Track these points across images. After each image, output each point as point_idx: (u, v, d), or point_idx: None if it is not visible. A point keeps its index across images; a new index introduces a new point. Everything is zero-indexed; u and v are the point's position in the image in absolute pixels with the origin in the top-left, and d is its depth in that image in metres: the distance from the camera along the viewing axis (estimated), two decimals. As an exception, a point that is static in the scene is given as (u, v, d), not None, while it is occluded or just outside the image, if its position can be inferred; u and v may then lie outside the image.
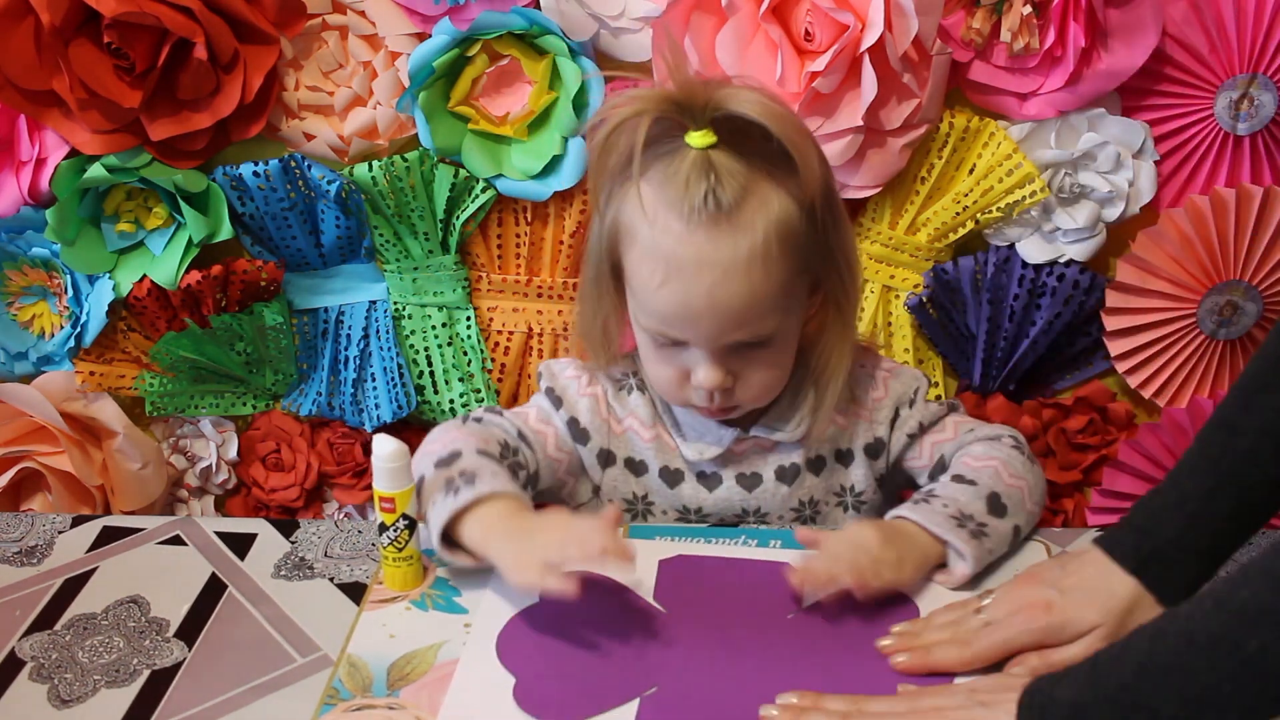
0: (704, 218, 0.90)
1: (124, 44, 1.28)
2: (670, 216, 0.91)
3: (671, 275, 0.92)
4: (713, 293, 0.91)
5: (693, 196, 0.90)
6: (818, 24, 1.27)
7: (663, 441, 1.06)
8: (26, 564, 1.04)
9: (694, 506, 1.07)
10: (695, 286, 0.91)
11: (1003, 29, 1.29)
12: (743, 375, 0.97)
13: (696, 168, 0.90)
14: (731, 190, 0.90)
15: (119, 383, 1.50)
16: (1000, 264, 1.41)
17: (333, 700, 0.87)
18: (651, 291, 0.93)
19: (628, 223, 0.94)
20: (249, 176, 1.39)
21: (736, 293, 0.91)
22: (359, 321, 1.49)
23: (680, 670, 0.88)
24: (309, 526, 1.07)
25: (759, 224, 0.91)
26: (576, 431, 1.07)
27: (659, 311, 0.94)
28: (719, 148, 0.91)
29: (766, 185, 0.92)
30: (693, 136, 0.91)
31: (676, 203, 0.90)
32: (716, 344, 0.94)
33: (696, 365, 0.96)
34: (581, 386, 1.07)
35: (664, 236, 0.91)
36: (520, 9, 1.30)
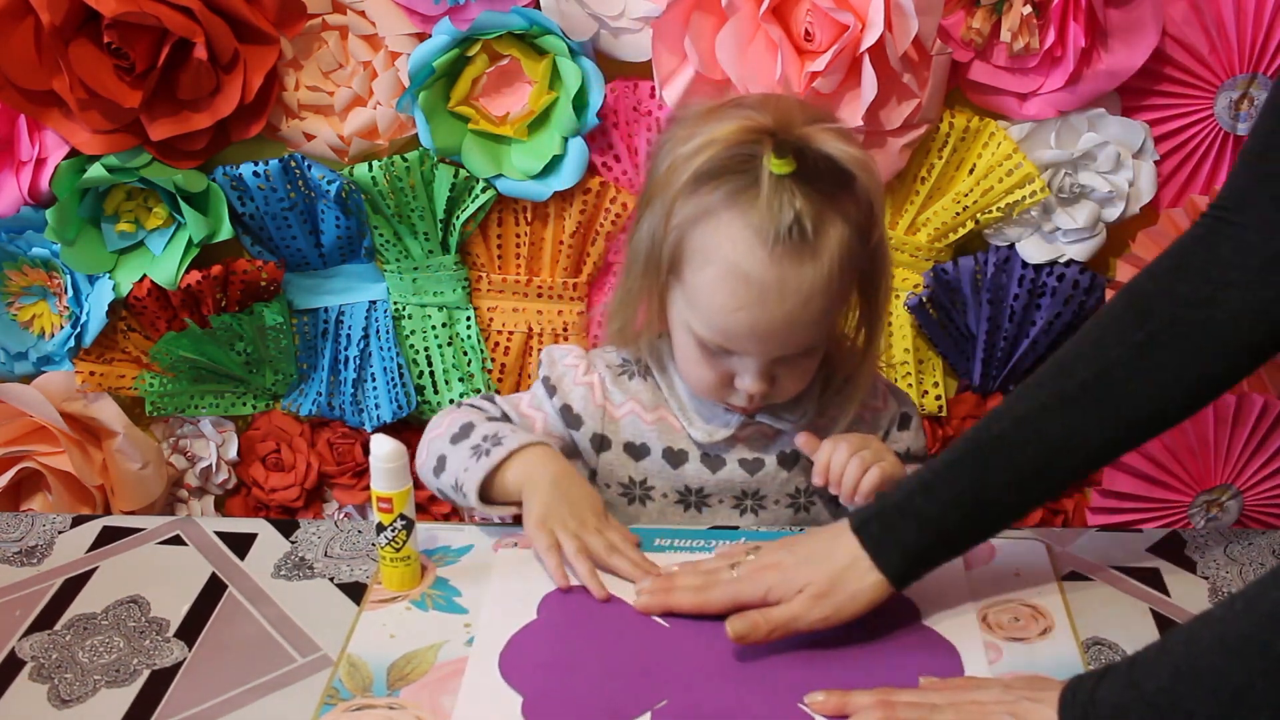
0: (788, 247, 0.93)
1: (124, 44, 1.28)
2: (755, 242, 0.93)
3: (752, 301, 0.95)
4: (790, 318, 0.95)
5: (779, 224, 0.92)
6: (818, 24, 1.27)
7: (667, 423, 1.08)
8: (26, 564, 1.04)
9: (696, 486, 1.08)
10: (774, 311, 0.95)
11: (1003, 29, 1.29)
12: (779, 380, 1.01)
13: (778, 195, 0.93)
14: (811, 221, 0.93)
15: (119, 383, 1.50)
16: (1000, 264, 1.41)
17: (333, 700, 0.87)
18: (726, 313, 0.96)
19: (701, 239, 0.96)
20: (249, 176, 1.39)
21: (807, 317, 0.96)
22: (359, 321, 1.49)
23: (689, 683, 0.88)
24: (309, 526, 1.07)
25: (828, 253, 0.95)
26: (570, 418, 1.09)
27: (727, 329, 0.97)
28: (796, 175, 0.93)
29: (835, 212, 0.95)
30: (776, 164, 0.93)
31: (761, 229, 0.93)
32: (770, 357, 0.98)
33: (743, 373, 0.99)
34: (578, 375, 1.09)
35: (746, 260, 0.94)
36: (520, 9, 1.30)
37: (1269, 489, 1.48)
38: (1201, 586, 0.99)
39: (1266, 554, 1.03)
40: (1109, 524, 1.47)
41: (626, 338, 1.08)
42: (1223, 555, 1.03)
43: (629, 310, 1.06)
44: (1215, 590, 0.99)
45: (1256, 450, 1.46)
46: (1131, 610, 0.96)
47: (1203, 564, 1.02)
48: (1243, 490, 1.48)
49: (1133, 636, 0.93)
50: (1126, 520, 1.48)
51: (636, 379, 1.09)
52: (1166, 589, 0.99)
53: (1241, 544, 1.04)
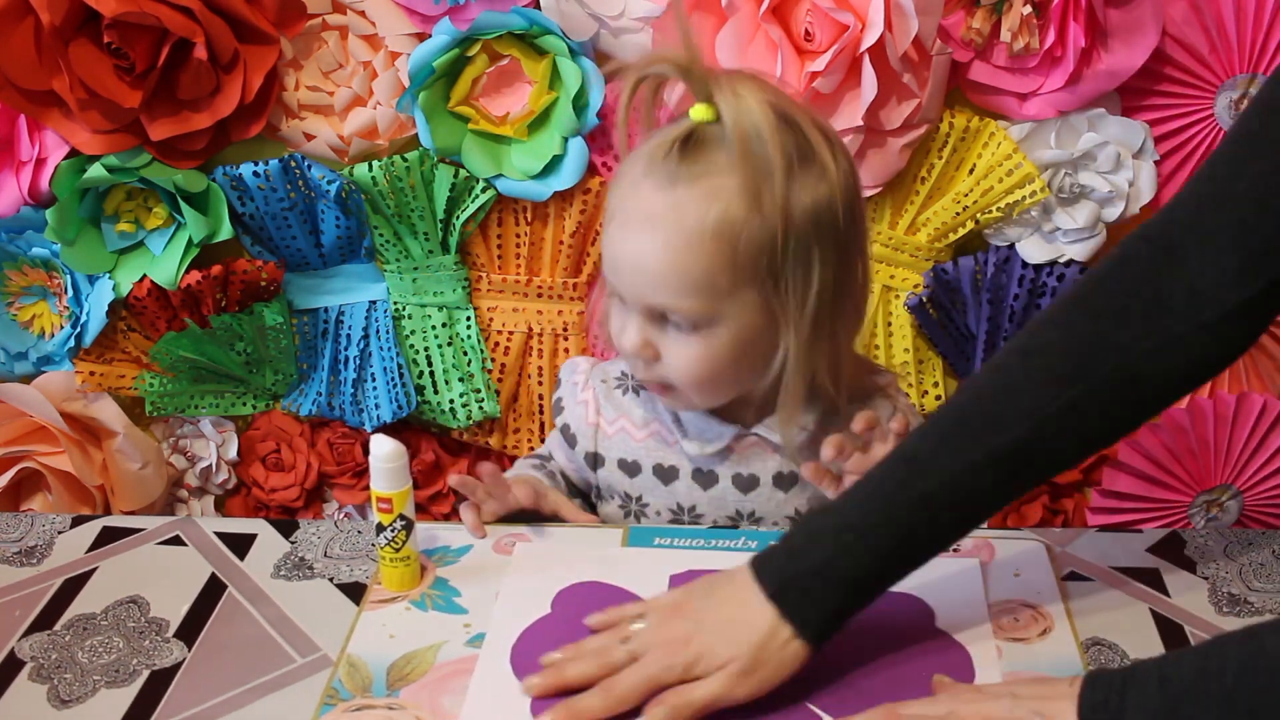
0: (657, 175, 0.93)
1: (124, 44, 1.28)
2: (636, 165, 0.95)
3: (614, 216, 0.97)
4: (634, 244, 0.94)
5: (656, 152, 0.93)
6: (818, 24, 1.27)
7: (659, 438, 1.07)
8: (26, 564, 1.04)
9: (688, 505, 1.07)
10: (624, 232, 0.95)
11: (1003, 29, 1.29)
12: (666, 352, 0.97)
13: (677, 134, 0.93)
14: (692, 165, 0.92)
15: (119, 383, 1.50)
16: (1000, 264, 1.41)
17: (333, 700, 0.87)
18: (605, 229, 0.98)
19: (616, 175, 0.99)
20: (249, 176, 1.39)
21: (655, 254, 0.93)
22: (359, 321, 1.49)
23: None
24: (309, 526, 1.07)
25: (700, 206, 0.92)
26: (568, 436, 1.10)
27: (605, 253, 0.98)
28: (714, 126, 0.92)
29: (732, 184, 0.91)
30: (695, 109, 0.94)
31: (645, 155, 0.95)
32: (636, 302, 0.96)
33: (625, 326, 0.98)
34: (577, 393, 1.10)
35: (623, 181, 0.96)
36: (520, 9, 1.30)
37: (1269, 489, 1.48)
38: (1201, 586, 0.99)
39: (1266, 554, 1.03)
40: (1109, 524, 1.47)
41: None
42: (1223, 555, 1.03)
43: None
44: (1215, 590, 0.99)
45: (1256, 450, 1.46)
46: (1131, 610, 0.96)
47: (1203, 564, 1.02)
48: (1243, 490, 1.48)
49: (1133, 636, 0.93)
50: (1126, 520, 1.48)
51: (630, 395, 1.08)
52: (1166, 589, 0.99)
53: (1241, 544, 1.04)
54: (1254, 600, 0.97)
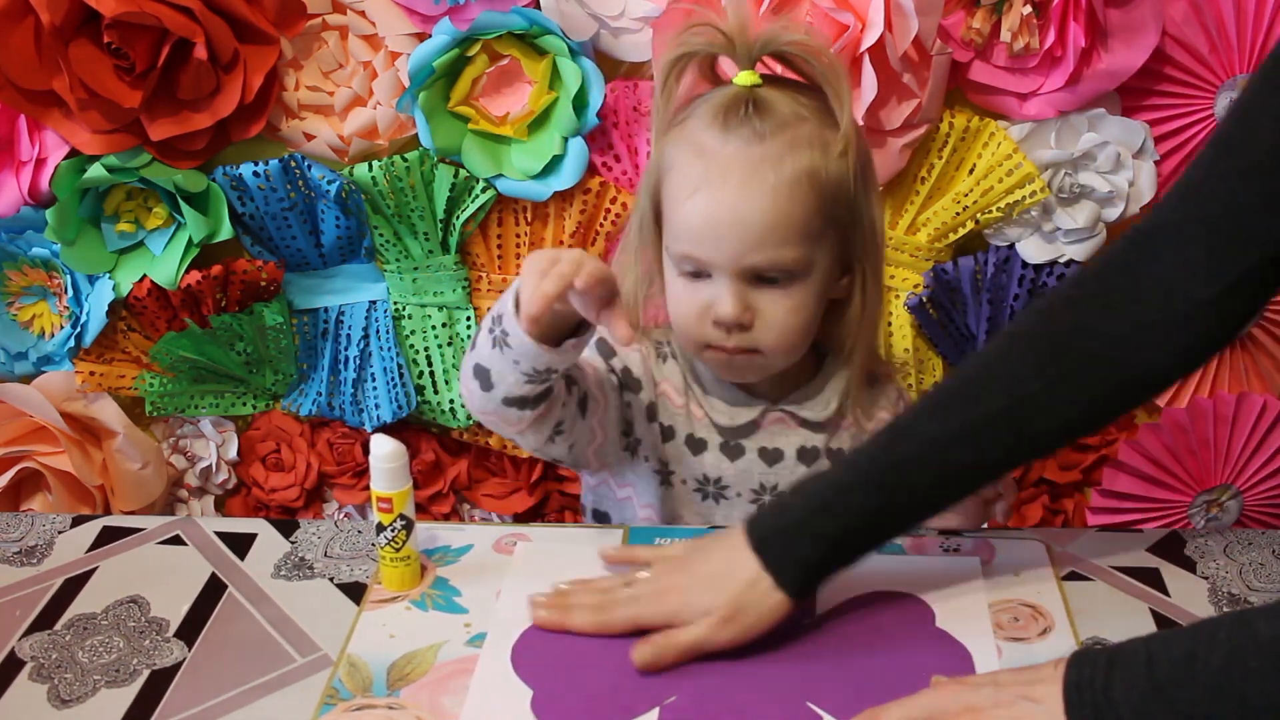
0: (738, 137, 0.96)
1: (124, 44, 1.28)
2: (707, 134, 0.97)
3: (700, 184, 0.96)
4: (735, 204, 0.95)
5: (730, 118, 0.96)
6: (818, 24, 1.27)
7: (690, 410, 1.08)
8: (26, 564, 1.04)
9: (714, 476, 1.08)
10: (719, 195, 0.96)
11: (1003, 29, 1.29)
12: (761, 313, 0.99)
13: (737, 98, 0.97)
14: (769, 120, 0.96)
15: (119, 383, 1.50)
16: (1000, 264, 1.41)
17: (333, 700, 0.87)
18: (681, 204, 0.97)
19: (670, 153, 0.99)
20: (249, 176, 1.39)
21: (758, 208, 0.95)
22: (359, 321, 1.49)
23: (698, 677, 0.88)
24: (309, 526, 1.07)
25: (790, 154, 0.96)
26: (630, 380, 1.09)
27: (687, 226, 0.97)
28: (765, 87, 0.98)
29: (806, 127, 0.97)
30: (740, 76, 0.97)
31: (714, 123, 0.97)
32: (738, 264, 0.97)
33: (718, 296, 0.98)
34: None
35: (699, 153, 0.97)
36: (520, 9, 1.30)
37: (1269, 489, 1.48)
38: (1201, 586, 0.99)
39: (1266, 554, 1.03)
40: (1109, 524, 1.47)
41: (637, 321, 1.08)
42: (1223, 555, 1.03)
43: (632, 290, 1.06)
44: (1215, 590, 0.99)
45: (1256, 450, 1.46)
46: (1131, 610, 0.96)
47: (1203, 564, 1.02)
48: (1243, 490, 1.48)
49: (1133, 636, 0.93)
50: (1126, 520, 1.48)
51: (670, 361, 1.10)
52: (1166, 589, 0.99)
53: (1241, 544, 1.04)
54: (1254, 600, 0.98)
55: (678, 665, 0.88)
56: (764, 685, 0.87)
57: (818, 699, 0.86)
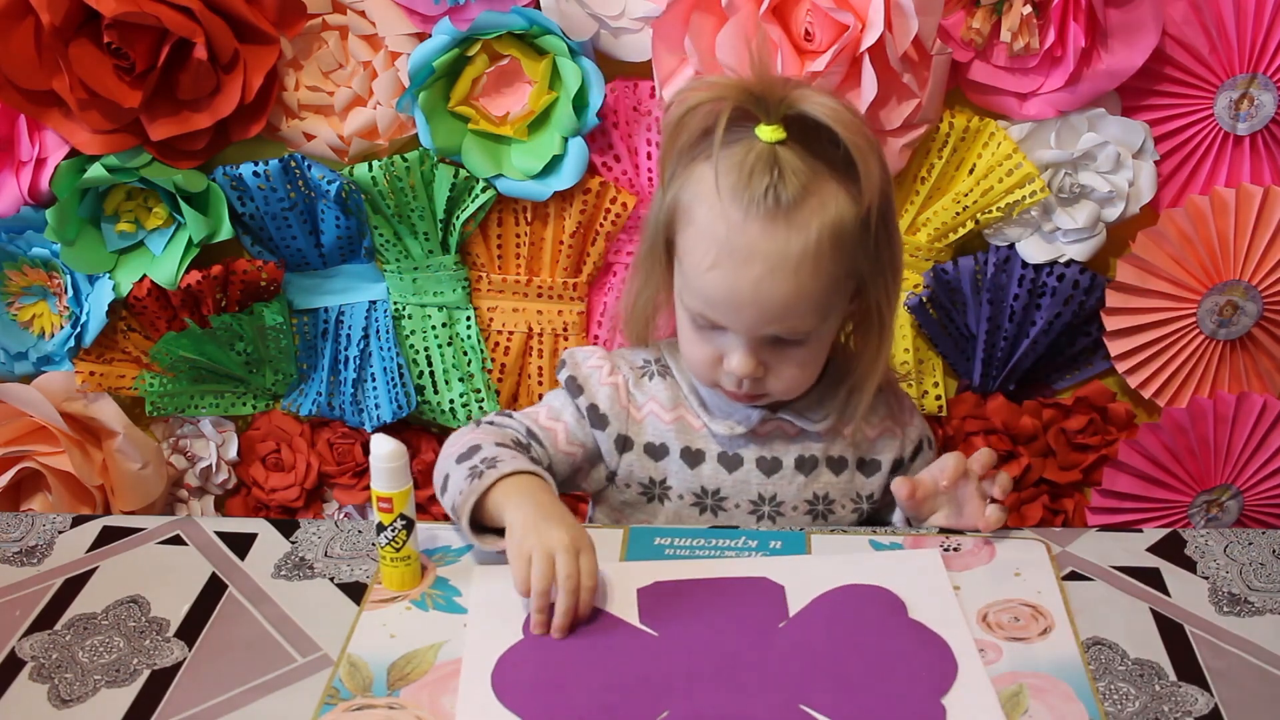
0: (762, 210, 0.92)
1: (124, 44, 1.28)
2: (730, 203, 0.93)
3: (722, 260, 0.94)
4: (759, 285, 0.94)
5: (755, 188, 0.92)
6: (818, 24, 1.27)
7: (685, 423, 1.08)
8: (26, 564, 1.04)
9: (712, 488, 1.08)
10: (743, 275, 0.94)
11: (1003, 29, 1.29)
12: (774, 368, 0.99)
13: (762, 160, 0.93)
14: (793, 188, 0.93)
15: (119, 383, 1.50)
16: (1000, 264, 1.41)
17: (333, 700, 0.87)
18: (700, 273, 0.96)
19: (688, 202, 0.97)
20: (249, 176, 1.39)
21: (782, 288, 0.94)
22: (359, 321, 1.49)
23: (687, 690, 0.87)
24: (309, 526, 1.07)
25: (814, 224, 0.93)
26: (596, 417, 1.09)
27: (704, 293, 0.96)
28: (787, 144, 0.94)
29: (828, 187, 0.94)
30: (763, 130, 0.94)
31: (739, 191, 0.93)
32: (753, 334, 0.97)
33: (731, 351, 0.98)
34: (603, 376, 1.09)
35: (720, 221, 0.94)
36: (520, 9, 1.30)
37: (1269, 489, 1.48)
38: (1201, 586, 0.99)
39: (1267, 554, 1.03)
40: (1109, 524, 1.47)
41: (643, 337, 1.09)
42: (1223, 555, 1.03)
43: (643, 307, 1.07)
44: (1215, 590, 0.99)
45: (1256, 450, 1.46)
46: (1131, 610, 0.96)
47: (1203, 564, 1.02)
48: (1243, 490, 1.48)
49: (1133, 636, 0.93)
50: (1126, 520, 1.48)
51: (656, 379, 1.09)
52: (1166, 589, 0.99)
53: (1241, 544, 1.04)
54: (1254, 600, 0.98)
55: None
56: (755, 693, 0.87)
57: (809, 700, 0.86)
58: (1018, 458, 1.48)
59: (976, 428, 1.48)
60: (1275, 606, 0.97)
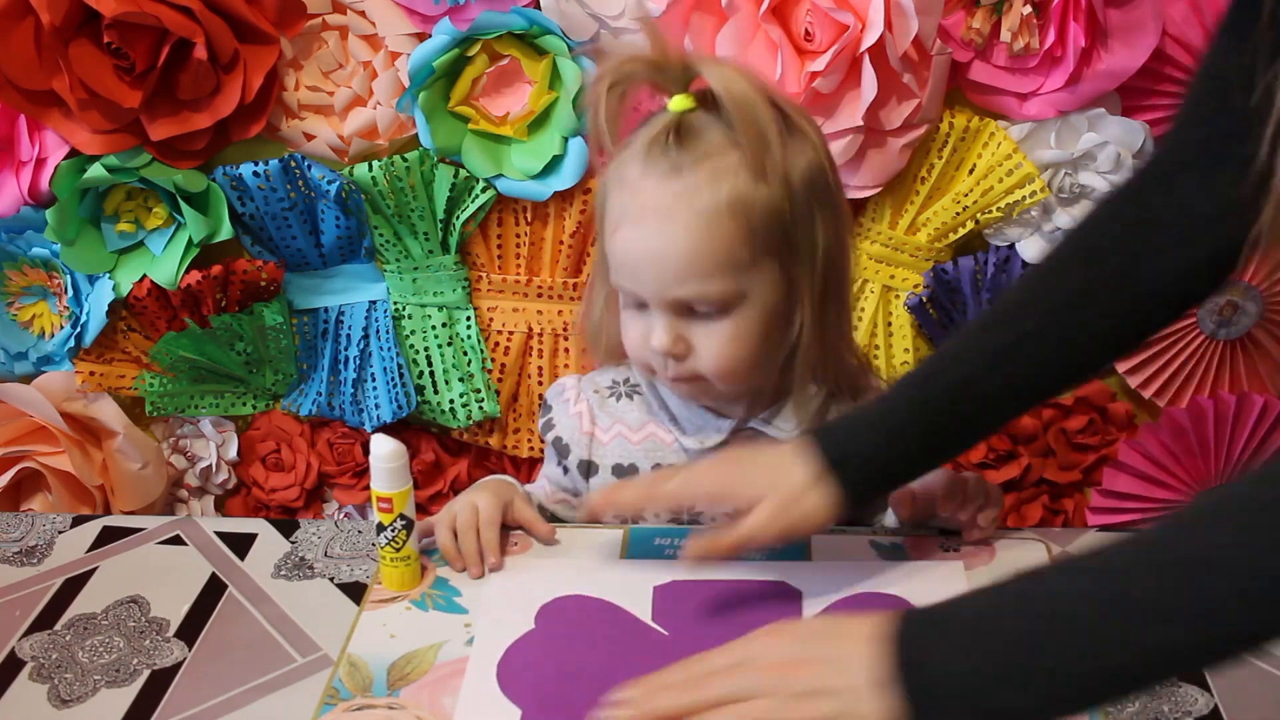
0: (658, 169, 0.94)
1: (124, 44, 1.28)
2: (630, 167, 0.96)
3: (622, 222, 0.96)
4: (652, 240, 0.94)
5: (653, 149, 0.94)
6: (818, 24, 1.27)
7: (656, 439, 1.07)
8: (26, 564, 1.04)
9: None
10: (639, 232, 0.95)
11: (1003, 29, 1.29)
12: (697, 344, 0.98)
13: (664, 126, 0.95)
14: (690, 151, 0.94)
15: (119, 383, 1.50)
16: (1000, 264, 1.41)
17: (333, 700, 0.87)
18: (609, 239, 0.97)
19: (605, 182, 0.99)
20: (249, 176, 1.39)
21: (675, 245, 0.94)
22: (359, 321, 1.49)
23: None
24: (309, 526, 1.07)
25: (709, 186, 0.93)
26: (560, 448, 1.09)
27: (614, 261, 0.98)
28: (697, 113, 0.95)
29: (733, 156, 0.94)
30: (672, 101, 0.95)
31: (639, 155, 0.95)
32: (662, 298, 0.96)
33: (653, 327, 0.98)
34: (569, 408, 1.10)
35: (621, 186, 0.96)
36: (520, 9, 1.30)
37: (1269, 489, 1.48)
38: (1201, 586, 0.99)
39: (1266, 554, 1.03)
40: (1109, 524, 1.47)
41: (608, 350, 1.07)
42: (1223, 555, 1.03)
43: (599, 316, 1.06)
44: (1215, 590, 0.98)
45: (1257, 451, 1.46)
46: (1131, 610, 0.96)
47: (1203, 564, 1.02)
48: (1243, 490, 1.48)
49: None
50: (1126, 520, 1.48)
51: (624, 400, 1.09)
52: (1166, 589, 0.98)
53: (1241, 544, 1.04)
54: (1254, 600, 0.97)
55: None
56: None
57: None
58: (1018, 458, 1.48)
59: (976, 428, 1.48)
60: (1275, 606, 0.97)
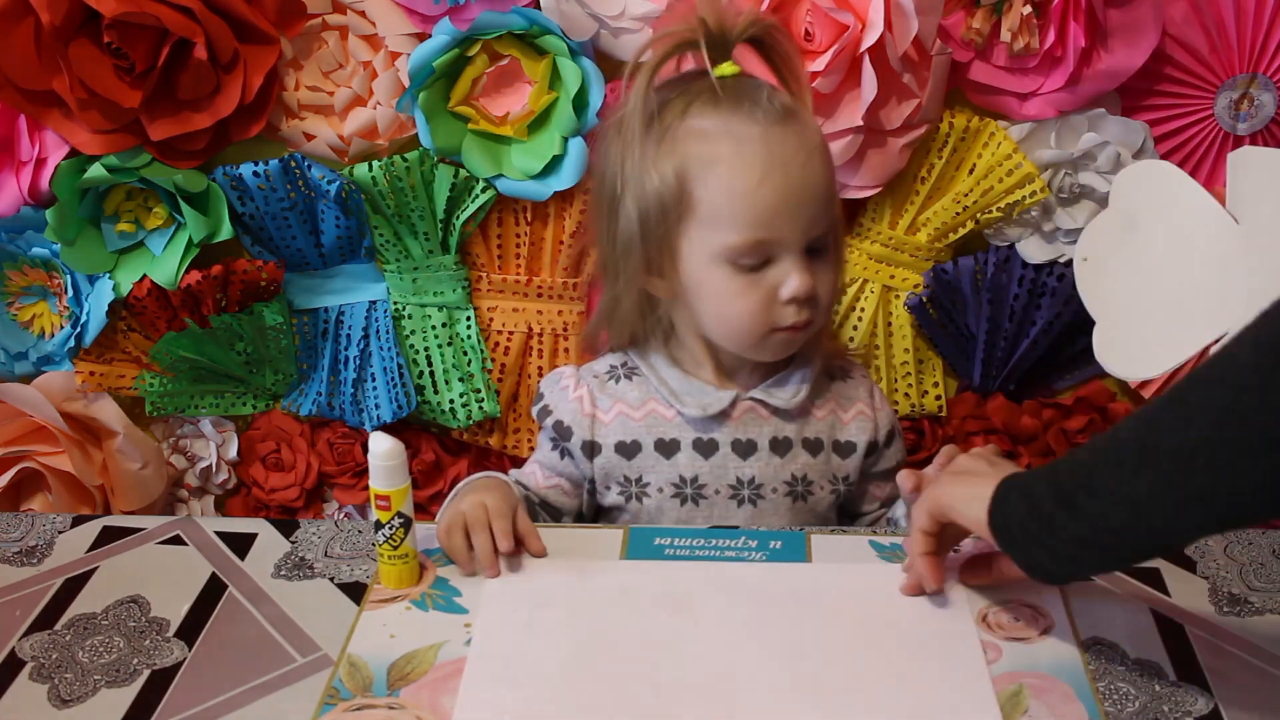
0: (772, 118, 1.00)
1: (124, 44, 1.28)
2: (744, 124, 1.00)
3: (770, 170, 0.99)
4: (802, 176, 1.00)
5: (756, 105, 1.00)
6: (818, 24, 1.27)
7: (657, 415, 1.10)
8: (26, 564, 1.04)
9: (690, 476, 1.09)
10: (788, 175, 0.99)
11: (1003, 29, 1.29)
12: (819, 281, 1.03)
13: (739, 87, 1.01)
14: (782, 96, 1.02)
15: (119, 383, 1.50)
16: (1000, 264, 1.41)
17: (333, 700, 0.87)
18: (751, 193, 0.99)
19: (695, 153, 1.00)
20: (249, 176, 1.39)
21: (818, 175, 1.01)
22: (359, 321, 1.49)
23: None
24: (309, 526, 1.07)
25: (807, 126, 1.02)
26: (561, 430, 1.11)
27: (757, 213, 0.99)
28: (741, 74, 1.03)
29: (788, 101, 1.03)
30: (722, 68, 1.01)
31: (741, 115, 1.00)
32: (807, 237, 1.01)
33: (787, 275, 1.01)
34: (568, 395, 1.12)
35: (743, 145, 0.99)
36: (520, 9, 1.30)
37: (1269, 489, 1.47)
38: (1202, 586, 0.99)
39: (1267, 554, 1.03)
40: (1109, 524, 1.47)
41: (634, 331, 1.10)
42: (1223, 555, 1.03)
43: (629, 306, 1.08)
44: (1215, 590, 0.99)
45: (1256, 450, 1.46)
46: (1131, 610, 0.96)
47: (1203, 564, 1.02)
48: (1243, 490, 1.48)
49: (1133, 636, 0.93)
50: (1126, 520, 1.47)
51: (623, 381, 1.11)
52: (1166, 589, 0.99)
53: (1241, 544, 1.04)
54: (1254, 600, 0.98)
55: None
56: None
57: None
58: (1018, 458, 1.48)
59: (977, 428, 1.48)
60: (1275, 606, 0.97)
